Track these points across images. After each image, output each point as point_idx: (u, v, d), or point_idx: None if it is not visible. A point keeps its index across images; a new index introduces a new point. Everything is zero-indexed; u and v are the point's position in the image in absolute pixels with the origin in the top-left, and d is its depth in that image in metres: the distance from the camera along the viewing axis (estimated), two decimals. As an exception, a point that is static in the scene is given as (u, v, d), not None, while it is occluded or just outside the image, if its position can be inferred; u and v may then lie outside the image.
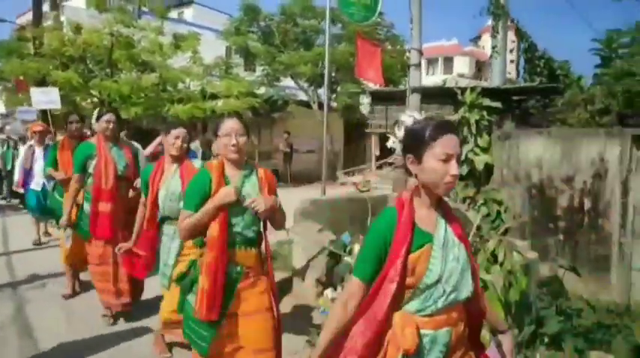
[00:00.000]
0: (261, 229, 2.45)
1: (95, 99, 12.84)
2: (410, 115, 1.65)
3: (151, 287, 4.07)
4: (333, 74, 16.54)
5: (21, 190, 7.06)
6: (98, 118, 3.98)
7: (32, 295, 4.70)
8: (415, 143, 1.58)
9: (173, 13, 22.80)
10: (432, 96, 8.21)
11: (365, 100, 16.98)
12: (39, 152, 6.58)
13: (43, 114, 10.85)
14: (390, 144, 1.71)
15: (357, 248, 4.64)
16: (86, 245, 4.02)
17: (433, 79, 29.44)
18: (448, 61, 36.92)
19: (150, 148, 4.97)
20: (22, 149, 7.12)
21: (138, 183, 3.85)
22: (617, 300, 4.26)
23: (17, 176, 7.12)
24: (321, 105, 14.36)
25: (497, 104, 7.26)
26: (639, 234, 4.32)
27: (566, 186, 4.89)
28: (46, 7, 15.29)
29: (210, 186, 2.29)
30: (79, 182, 3.93)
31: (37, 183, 6.43)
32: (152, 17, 14.49)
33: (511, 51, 9.68)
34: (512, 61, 10.13)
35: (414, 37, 6.63)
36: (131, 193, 4.07)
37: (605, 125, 6.23)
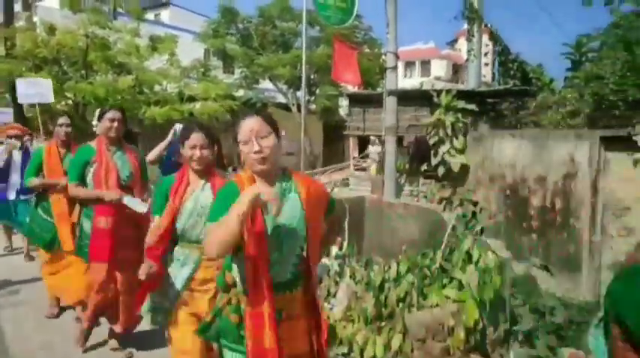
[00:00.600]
0: (306, 263, 1.91)
1: (70, 102, 12.62)
2: None
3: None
4: (312, 76, 16.60)
5: None
6: (100, 117, 3.42)
7: (4, 301, 4.59)
8: None
9: (149, 15, 22.55)
10: (408, 98, 8.31)
11: (343, 103, 17.09)
12: (17, 156, 5.89)
13: (19, 115, 10.61)
14: None
15: (334, 250, 4.66)
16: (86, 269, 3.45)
17: (411, 81, 29.75)
18: (425, 64, 37.32)
19: (155, 153, 4.02)
20: None
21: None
22: (587, 298, 4.39)
23: None
24: (300, 108, 14.40)
25: (472, 106, 7.40)
26: (608, 233, 4.45)
27: (539, 186, 5.01)
28: (18, 7, 14.98)
29: None
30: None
31: (11, 192, 5.80)
32: (128, 19, 14.31)
33: (485, 54, 9.87)
34: (486, 64, 10.35)
35: (390, 41, 6.72)
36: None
37: (575, 126, 6.41)
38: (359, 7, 7.19)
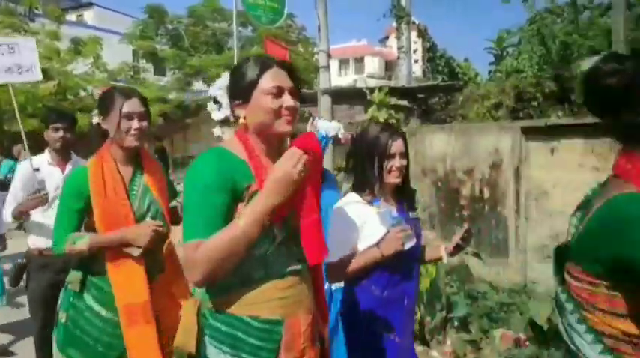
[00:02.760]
0: None
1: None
2: None
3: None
4: (247, 77, 16.42)
5: None
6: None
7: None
8: None
9: (71, 16, 21.42)
10: (343, 96, 8.41)
11: (280, 102, 17.07)
12: None
13: None
14: None
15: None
16: None
17: (346, 79, 30.14)
18: (359, 62, 37.96)
19: None
20: None
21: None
22: (515, 280, 4.64)
23: None
24: (235, 109, 14.21)
25: (404, 102, 7.61)
26: (531, 218, 4.73)
27: (467, 177, 5.23)
28: None
29: None
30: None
31: None
32: (47, 20, 13.50)
33: (415, 51, 10.18)
34: (416, 61, 10.69)
35: (322, 40, 6.77)
36: None
37: (499, 119, 6.76)
38: (292, 6, 7.19)
